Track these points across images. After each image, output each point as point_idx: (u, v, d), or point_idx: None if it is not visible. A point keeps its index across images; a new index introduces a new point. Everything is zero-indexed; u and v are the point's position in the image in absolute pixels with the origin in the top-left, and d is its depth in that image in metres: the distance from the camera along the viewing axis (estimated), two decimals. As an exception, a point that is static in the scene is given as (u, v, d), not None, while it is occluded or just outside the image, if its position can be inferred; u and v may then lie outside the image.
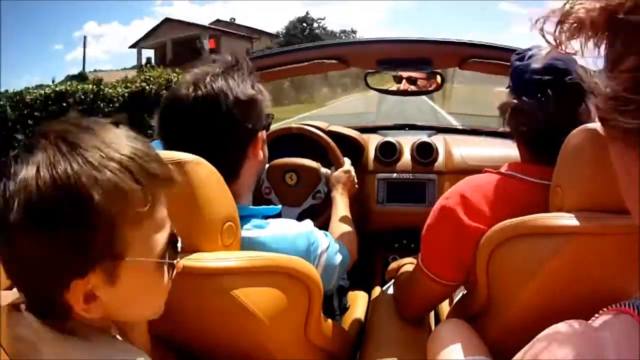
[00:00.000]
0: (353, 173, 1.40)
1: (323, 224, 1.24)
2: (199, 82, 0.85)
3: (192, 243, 0.70)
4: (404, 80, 1.74)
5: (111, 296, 0.52)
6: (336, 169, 1.42)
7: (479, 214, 0.87)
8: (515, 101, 0.90)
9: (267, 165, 1.48)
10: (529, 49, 0.92)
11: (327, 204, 1.38)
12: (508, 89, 0.94)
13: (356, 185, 1.41)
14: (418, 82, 1.75)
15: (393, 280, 1.36)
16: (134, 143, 0.52)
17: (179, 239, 0.60)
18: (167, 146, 0.84)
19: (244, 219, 0.83)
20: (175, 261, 0.59)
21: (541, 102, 0.85)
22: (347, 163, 1.44)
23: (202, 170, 0.71)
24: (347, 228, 1.22)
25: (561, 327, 0.40)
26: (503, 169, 0.93)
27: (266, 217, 0.92)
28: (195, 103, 0.84)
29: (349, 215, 1.28)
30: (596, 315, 0.40)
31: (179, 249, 0.60)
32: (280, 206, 0.97)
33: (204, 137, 0.83)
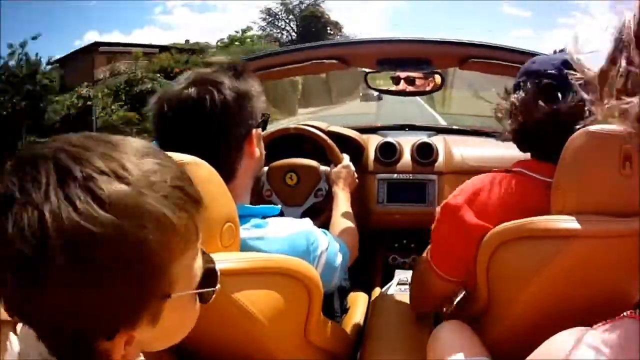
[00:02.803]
0: (352, 168, 1.41)
1: (326, 222, 1.25)
2: (190, 82, 0.86)
3: None
4: (402, 81, 1.74)
5: (148, 334, 0.46)
6: (335, 166, 1.43)
7: (486, 212, 0.86)
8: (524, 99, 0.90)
9: (266, 168, 1.49)
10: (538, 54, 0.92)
11: (329, 201, 1.38)
12: (512, 91, 0.94)
13: (356, 180, 1.41)
14: (416, 82, 1.75)
15: (393, 281, 1.36)
16: (168, 164, 0.46)
17: (214, 262, 0.55)
18: (163, 147, 0.84)
19: (243, 218, 0.83)
20: (215, 288, 0.54)
21: (545, 101, 0.86)
22: (346, 159, 1.44)
23: (202, 172, 0.71)
24: (348, 223, 1.23)
25: (562, 335, 0.41)
26: (512, 167, 0.93)
27: (265, 216, 0.92)
28: (186, 102, 0.84)
29: (350, 210, 1.28)
30: (601, 323, 0.40)
31: (218, 273, 0.55)
32: (279, 206, 0.96)
33: (197, 136, 0.83)
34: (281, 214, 0.95)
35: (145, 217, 0.41)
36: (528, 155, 0.95)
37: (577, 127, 0.76)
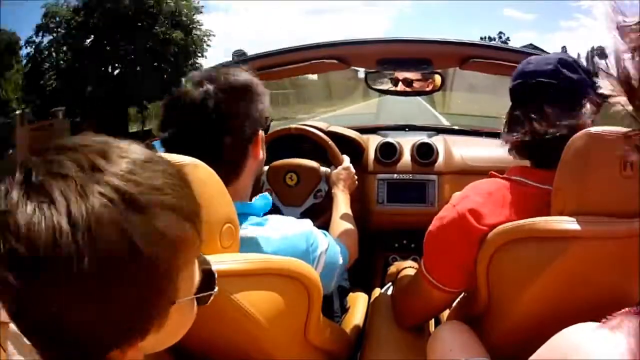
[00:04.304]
0: (352, 170, 1.41)
1: (325, 223, 1.25)
2: (198, 82, 0.86)
3: None
4: (400, 83, 1.74)
5: (151, 340, 0.46)
6: (336, 168, 1.43)
7: (487, 219, 0.85)
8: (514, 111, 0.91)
9: (266, 168, 1.49)
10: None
11: (328, 202, 1.38)
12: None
13: (356, 182, 1.41)
14: (414, 84, 1.75)
15: (390, 283, 1.36)
16: (169, 170, 0.46)
17: (212, 266, 0.55)
18: (169, 147, 0.84)
19: (242, 216, 0.83)
20: (213, 291, 0.55)
21: (536, 107, 0.85)
22: (346, 160, 1.45)
23: (201, 173, 0.71)
24: (347, 225, 1.23)
25: (575, 329, 0.40)
26: (509, 174, 0.92)
27: (264, 213, 0.92)
28: (194, 103, 0.84)
29: (350, 212, 1.29)
30: (607, 317, 0.40)
31: (215, 275, 0.55)
32: (267, 194, 0.97)
33: (205, 137, 0.84)
34: (280, 213, 0.95)
35: (157, 233, 0.41)
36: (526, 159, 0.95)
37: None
